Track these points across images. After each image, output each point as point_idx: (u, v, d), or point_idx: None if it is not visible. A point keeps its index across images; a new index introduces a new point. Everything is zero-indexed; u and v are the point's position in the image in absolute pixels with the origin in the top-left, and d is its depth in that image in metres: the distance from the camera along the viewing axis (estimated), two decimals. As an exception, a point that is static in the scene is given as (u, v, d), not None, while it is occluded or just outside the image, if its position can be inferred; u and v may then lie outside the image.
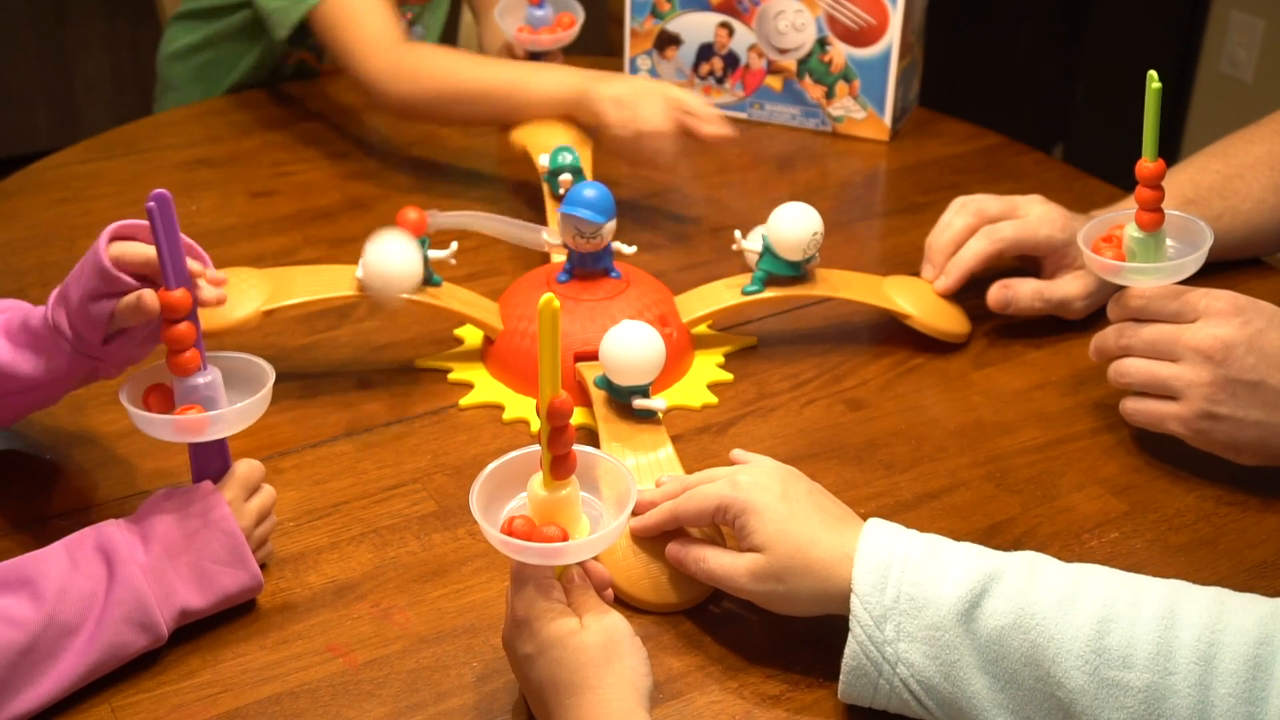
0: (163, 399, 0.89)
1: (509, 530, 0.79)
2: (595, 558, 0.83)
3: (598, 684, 0.75)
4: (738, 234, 1.15)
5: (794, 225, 1.11)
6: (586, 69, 1.38)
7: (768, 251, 1.13)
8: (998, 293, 1.19)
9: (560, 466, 0.78)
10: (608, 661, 0.76)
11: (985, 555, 0.82)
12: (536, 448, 0.79)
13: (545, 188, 1.32)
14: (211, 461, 0.91)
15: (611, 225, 1.11)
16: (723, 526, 0.90)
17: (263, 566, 0.91)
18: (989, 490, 1.03)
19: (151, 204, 0.83)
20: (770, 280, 1.14)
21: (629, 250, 1.14)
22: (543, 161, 1.31)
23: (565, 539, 0.78)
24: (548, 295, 0.71)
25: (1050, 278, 1.20)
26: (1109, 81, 2.95)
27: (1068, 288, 1.18)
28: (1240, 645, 0.75)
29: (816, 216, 1.11)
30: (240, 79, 1.66)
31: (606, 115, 1.31)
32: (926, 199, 1.43)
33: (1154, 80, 0.96)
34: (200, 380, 0.87)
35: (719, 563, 0.87)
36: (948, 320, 1.19)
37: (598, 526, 0.81)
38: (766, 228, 1.12)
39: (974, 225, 1.20)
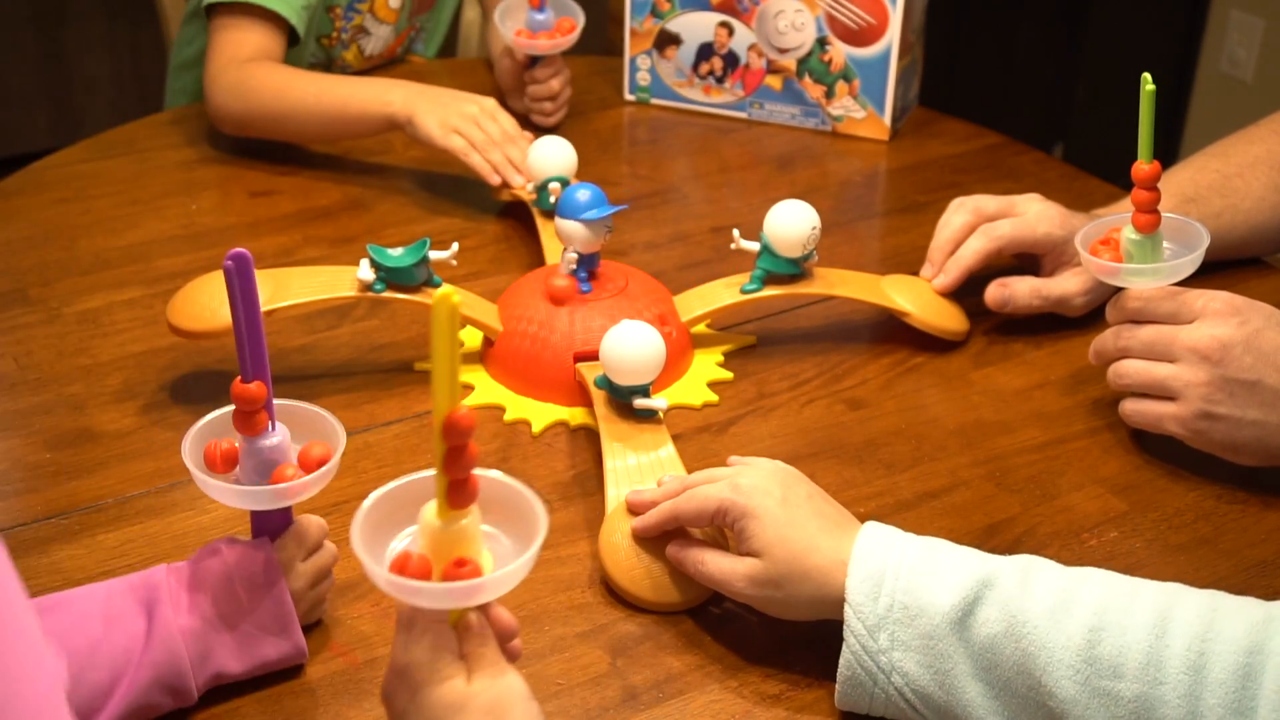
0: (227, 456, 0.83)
1: (401, 568, 0.68)
2: (499, 601, 0.70)
3: None
4: (736, 233, 1.15)
5: (791, 222, 1.11)
6: (412, 83, 1.39)
7: (766, 250, 1.13)
8: (995, 291, 1.19)
9: (459, 493, 0.66)
10: None
11: (980, 561, 0.81)
12: (429, 472, 0.67)
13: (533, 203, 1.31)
14: (272, 516, 0.84)
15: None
16: (723, 528, 0.90)
17: (317, 623, 0.88)
18: (989, 490, 1.03)
19: (229, 263, 0.74)
20: (769, 279, 1.14)
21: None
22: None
23: (478, 574, 0.67)
24: (445, 289, 0.62)
25: (1049, 275, 1.20)
26: (1109, 81, 2.95)
27: (1066, 285, 1.18)
28: (1230, 654, 0.74)
29: (813, 212, 1.11)
30: None
31: (435, 141, 1.34)
32: (926, 199, 1.43)
33: (1148, 83, 0.96)
34: (267, 443, 0.81)
35: (717, 566, 0.87)
36: (946, 318, 1.19)
37: (502, 563, 0.69)
38: (764, 226, 1.12)
39: (972, 224, 1.20)
